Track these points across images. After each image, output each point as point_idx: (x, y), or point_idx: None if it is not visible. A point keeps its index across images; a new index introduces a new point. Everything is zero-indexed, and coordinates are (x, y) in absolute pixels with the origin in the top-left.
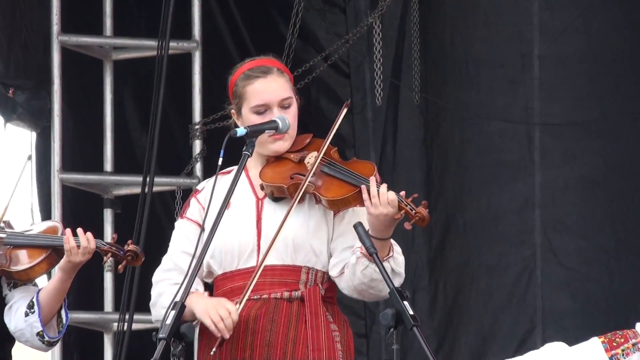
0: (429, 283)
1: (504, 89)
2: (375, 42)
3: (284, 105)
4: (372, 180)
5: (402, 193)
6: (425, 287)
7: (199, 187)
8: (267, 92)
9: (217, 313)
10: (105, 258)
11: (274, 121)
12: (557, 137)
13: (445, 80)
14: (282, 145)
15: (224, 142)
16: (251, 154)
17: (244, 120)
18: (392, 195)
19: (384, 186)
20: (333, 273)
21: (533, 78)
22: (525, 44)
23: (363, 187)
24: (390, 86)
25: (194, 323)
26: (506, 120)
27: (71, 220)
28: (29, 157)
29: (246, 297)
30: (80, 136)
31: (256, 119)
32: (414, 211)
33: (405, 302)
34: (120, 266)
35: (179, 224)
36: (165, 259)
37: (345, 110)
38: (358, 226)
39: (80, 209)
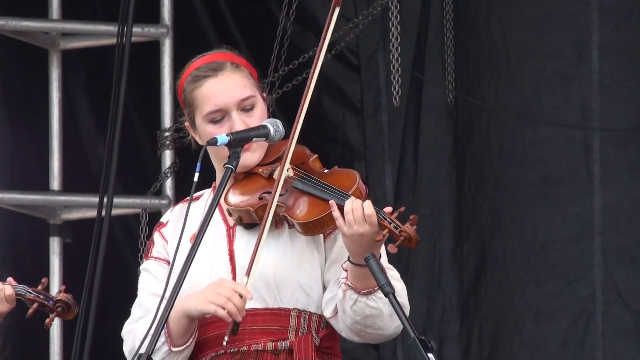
0: (460, 331)
1: (554, 85)
2: (391, 27)
3: (244, 107)
4: (334, 205)
5: (388, 209)
6: (456, 335)
7: (162, 219)
8: (219, 94)
9: (219, 295)
10: (30, 310)
11: (264, 126)
12: (621, 146)
13: (480, 74)
14: (249, 158)
15: (202, 152)
16: (236, 168)
17: (200, 133)
18: (369, 208)
19: (355, 200)
20: (327, 313)
21: (591, 72)
22: (581, 29)
23: (332, 202)
24: (410, 82)
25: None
26: (557, 125)
27: (10, 251)
28: None
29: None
30: (20, 146)
31: (213, 130)
32: (398, 230)
33: (430, 355)
34: (48, 320)
35: (146, 266)
36: (134, 309)
37: (337, 10)
38: (370, 259)
39: (21, 238)
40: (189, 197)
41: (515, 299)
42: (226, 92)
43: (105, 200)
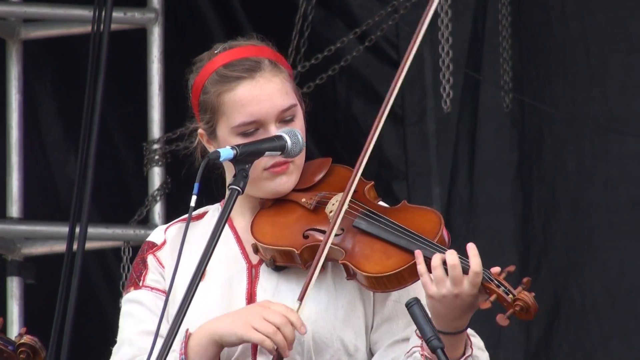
0: None
1: None
2: (440, 13)
3: (284, 119)
4: (421, 257)
5: (495, 269)
6: None
7: (154, 239)
8: (257, 102)
9: (267, 322)
10: None
11: (280, 137)
12: None
13: (551, 73)
14: (285, 182)
15: (200, 169)
16: (243, 190)
17: (221, 146)
18: (476, 265)
19: (451, 253)
20: None
21: None
22: None
23: (418, 252)
24: (464, 82)
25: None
26: None
27: None
28: None
29: None
30: None
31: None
32: (510, 296)
33: None
34: None
35: (137, 296)
36: (120, 349)
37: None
38: (413, 305)
39: None
40: (193, 214)
41: (597, 354)
42: (265, 101)
43: (77, 230)
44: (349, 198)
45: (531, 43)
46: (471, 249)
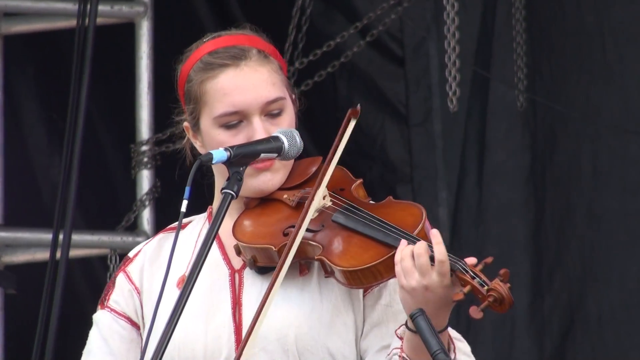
0: None
1: None
2: (446, 5)
3: (270, 112)
4: (403, 243)
5: (470, 260)
6: None
7: (130, 253)
8: (240, 91)
9: None
10: None
11: (276, 138)
12: None
13: (566, 71)
14: (269, 181)
15: (192, 172)
16: (237, 194)
17: (205, 139)
18: (440, 254)
19: (420, 243)
20: None
21: None
22: None
23: (403, 241)
24: (472, 80)
25: None
26: None
27: None
28: None
29: None
30: None
31: (225, 137)
32: (485, 287)
33: None
34: None
35: (97, 317)
36: None
37: (352, 122)
38: (418, 316)
39: None
40: (172, 226)
41: None
42: (249, 90)
43: (61, 237)
44: (320, 196)
45: (543, 38)
46: (435, 236)
